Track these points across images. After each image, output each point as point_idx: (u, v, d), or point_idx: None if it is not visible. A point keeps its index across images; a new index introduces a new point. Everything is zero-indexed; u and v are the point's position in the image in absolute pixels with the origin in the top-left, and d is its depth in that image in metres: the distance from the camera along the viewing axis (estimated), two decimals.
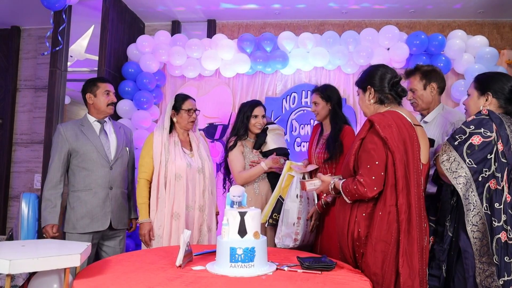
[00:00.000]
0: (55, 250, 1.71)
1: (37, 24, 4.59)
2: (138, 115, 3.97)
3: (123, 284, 1.54)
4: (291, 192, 2.59)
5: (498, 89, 2.03)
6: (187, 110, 2.74)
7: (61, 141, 2.65)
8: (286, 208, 2.57)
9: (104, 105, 2.75)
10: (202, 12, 4.36)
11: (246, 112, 2.91)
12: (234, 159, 2.86)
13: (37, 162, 4.46)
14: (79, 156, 2.65)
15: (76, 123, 2.76)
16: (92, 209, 2.61)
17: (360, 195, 1.82)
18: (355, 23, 4.40)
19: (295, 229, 2.50)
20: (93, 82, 2.80)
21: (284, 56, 3.85)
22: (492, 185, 1.87)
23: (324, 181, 2.08)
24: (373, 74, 2.01)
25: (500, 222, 1.84)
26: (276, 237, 2.57)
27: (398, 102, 2.00)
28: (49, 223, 2.57)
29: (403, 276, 1.73)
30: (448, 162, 1.92)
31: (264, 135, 2.96)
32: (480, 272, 1.85)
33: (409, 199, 1.78)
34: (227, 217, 1.77)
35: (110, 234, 2.72)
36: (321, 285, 1.57)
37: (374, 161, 1.81)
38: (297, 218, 2.52)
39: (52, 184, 2.62)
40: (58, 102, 3.99)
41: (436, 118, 2.57)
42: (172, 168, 2.62)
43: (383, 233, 1.78)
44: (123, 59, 4.18)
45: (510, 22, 4.31)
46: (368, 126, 1.88)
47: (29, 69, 4.66)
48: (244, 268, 1.68)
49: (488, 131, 1.89)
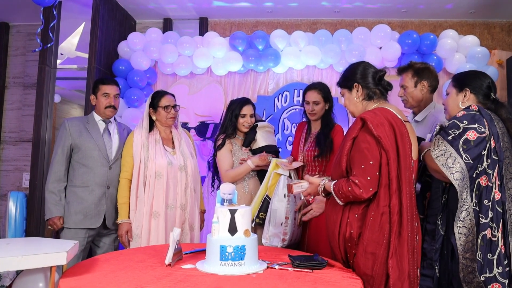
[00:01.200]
0: (41, 248, 1.67)
1: (26, 21, 4.53)
2: (129, 113, 3.93)
3: (111, 282, 1.51)
4: (278, 191, 2.51)
5: (476, 85, 2.05)
6: (164, 107, 2.71)
7: (65, 136, 2.69)
8: (274, 208, 2.49)
9: (102, 107, 2.78)
10: (194, 10, 4.34)
11: (235, 111, 2.86)
12: (222, 158, 2.82)
13: (25, 160, 4.40)
14: (81, 152, 2.68)
15: (82, 119, 2.82)
16: (87, 206, 2.64)
17: (354, 196, 1.76)
18: (348, 22, 4.41)
19: (283, 229, 2.45)
20: (96, 83, 2.84)
21: (276, 55, 3.84)
22: (483, 182, 1.86)
23: (313, 183, 1.99)
24: (356, 71, 1.97)
25: (487, 218, 1.83)
26: (263, 237, 2.50)
27: (385, 97, 1.98)
28: (55, 215, 2.61)
29: (393, 278, 1.70)
30: (444, 157, 1.88)
31: (253, 132, 2.91)
32: (463, 267, 1.84)
33: (401, 199, 1.75)
34: (217, 215, 1.74)
35: (105, 232, 2.75)
36: (312, 283, 1.55)
37: (369, 160, 1.76)
38: (285, 218, 2.46)
39: (56, 178, 2.65)
40: (47, 100, 3.95)
41: (427, 117, 2.55)
42: (152, 166, 2.61)
43: (375, 235, 1.74)
44: (114, 57, 4.13)
45: (500, 23, 4.34)
46: (360, 124, 1.82)
47: (17, 66, 4.59)
48: (234, 267, 1.65)
49: (482, 126, 1.87)
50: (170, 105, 2.73)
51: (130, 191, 2.64)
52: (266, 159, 2.74)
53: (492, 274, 1.81)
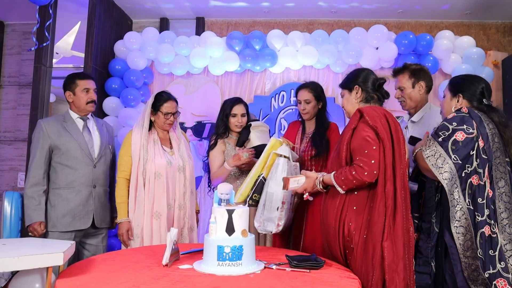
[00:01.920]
0: (37, 249, 1.67)
1: (21, 19, 4.50)
2: (125, 112, 3.91)
3: (108, 283, 1.50)
4: (277, 174, 2.27)
5: (469, 92, 2.14)
6: (164, 114, 2.66)
7: (43, 137, 2.57)
8: (270, 191, 2.27)
9: (83, 103, 2.66)
10: (191, 10, 4.33)
11: (226, 110, 2.81)
12: (212, 159, 2.79)
13: (20, 160, 4.37)
14: (62, 153, 2.58)
15: (58, 118, 2.68)
16: (74, 207, 2.56)
17: (359, 180, 1.83)
18: (344, 22, 4.42)
19: (279, 214, 2.25)
20: (72, 79, 2.69)
21: (273, 55, 3.84)
22: (474, 181, 1.92)
23: (310, 177, 2.04)
24: (359, 75, 2.11)
25: (484, 216, 1.89)
26: (256, 220, 2.30)
27: (381, 104, 2.10)
28: (35, 220, 2.49)
29: (388, 259, 1.75)
30: (434, 158, 1.96)
31: (247, 132, 2.86)
32: (466, 266, 1.89)
33: (396, 185, 1.84)
34: (215, 215, 1.74)
35: (93, 232, 2.68)
36: (310, 283, 1.55)
37: (372, 146, 1.85)
38: (282, 202, 2.25)
39: (34, 182, 2.54)
40: (42, 99, 3.91)
41: (423, 117, 2.59)
42: (152, 166, 2.58)
43: (373, 225, 1.80)
44: (110, 56, 4.11)
45: (496, 24, 4.37)
46: (358, 116, 1.94)
47: (13, 65, 4.56)
48: (232, 267, 1.65)
49: (470, 127, 1.96)
50: (171, 112, 2.68)
51: (129, 190, 2.59)
52: (240, 158, 2.62)
53: (496, 270, 1.85)
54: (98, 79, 3.90)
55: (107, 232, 2.81)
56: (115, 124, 3.92)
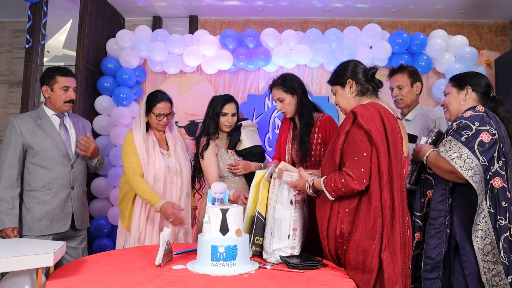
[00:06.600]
0: (27, 250, 1.63)
1: (11, 17, 4.44)
2: (117, 111, 3.87)
3: (100, 284, 1.47)
4: (283, 197, 1.97)
5: (476, 83, 2.07)
6: (156, 115, 2.57)
7: (15, 136, 2.41)
8: (277, 217, 1.94)
9: (60, 101, 2.51)
10: (184, 8, 4.29)
11: (216, 108, 2.64)
12: (208, 164, 2.62)
13: None
14: (36, 153, 2.43)
15: (31, 115, 2.51)
16: (52, 210, 2.44)
17: (347, 188, 1.73)
18: (338, 21, 4.42)
19: (291, 243, 1.91)
20: (52, 74, 2.53)
21: (267, 53, 3.82)
22: (496, 184, 1.86)
23: (302, 177, 1.93)
24: (347, 68, 1.99)
25: (506, 220, 1.83)
26: (265, 253, 1.94)
27: (376, 95, 1.99)
28: (8, 226, 2.34)
29: (387, 271, 1.67)
30: (461, 160, 1.86)
31: (238, 133, 2.73)
32: (485, 271, 1.82)
33: (393, 193, 1.73)
34: (209, 215, 1.72)
35: (72, 235, 2.56)
36: (304, 283, 1.54)
37: (362, 152, 1.74)
38: (293, 229, 1.92)
39: (7, 183, 2.37)
40: (33, 98, 3.86)
41: (416, 116, 2.69)
42: (152, 170, 2.52)
43: (368, 229, 1.72)
44: (102, 54, 4.07)
45: (488, 23, 4.39)
46: (352, 118, 1.82)
47: (3, 63, 4.50)
48: (226, 267, 1.64)
49: (492, 128, 1.89)
50: (164, 113, 2.59)
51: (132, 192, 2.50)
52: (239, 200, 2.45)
53: None
54: (90, 78, 3.86)
55: (87, 233, 2.72)
56: (107, 123, 3.88)
